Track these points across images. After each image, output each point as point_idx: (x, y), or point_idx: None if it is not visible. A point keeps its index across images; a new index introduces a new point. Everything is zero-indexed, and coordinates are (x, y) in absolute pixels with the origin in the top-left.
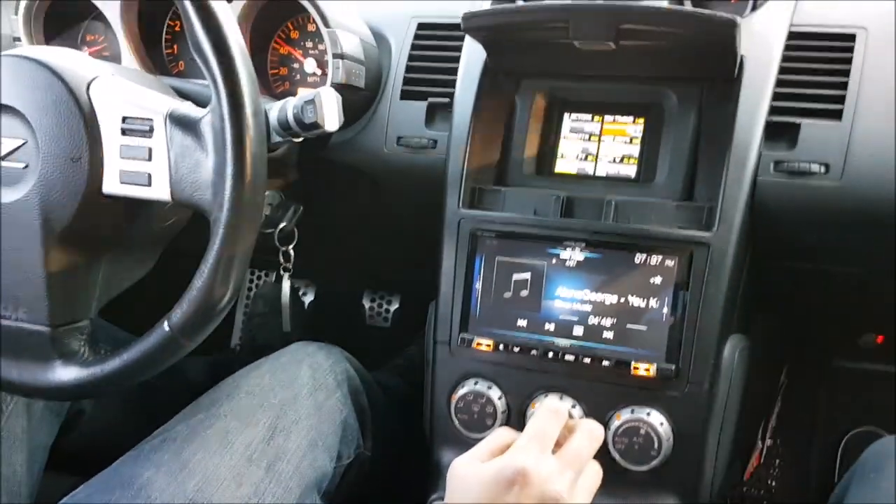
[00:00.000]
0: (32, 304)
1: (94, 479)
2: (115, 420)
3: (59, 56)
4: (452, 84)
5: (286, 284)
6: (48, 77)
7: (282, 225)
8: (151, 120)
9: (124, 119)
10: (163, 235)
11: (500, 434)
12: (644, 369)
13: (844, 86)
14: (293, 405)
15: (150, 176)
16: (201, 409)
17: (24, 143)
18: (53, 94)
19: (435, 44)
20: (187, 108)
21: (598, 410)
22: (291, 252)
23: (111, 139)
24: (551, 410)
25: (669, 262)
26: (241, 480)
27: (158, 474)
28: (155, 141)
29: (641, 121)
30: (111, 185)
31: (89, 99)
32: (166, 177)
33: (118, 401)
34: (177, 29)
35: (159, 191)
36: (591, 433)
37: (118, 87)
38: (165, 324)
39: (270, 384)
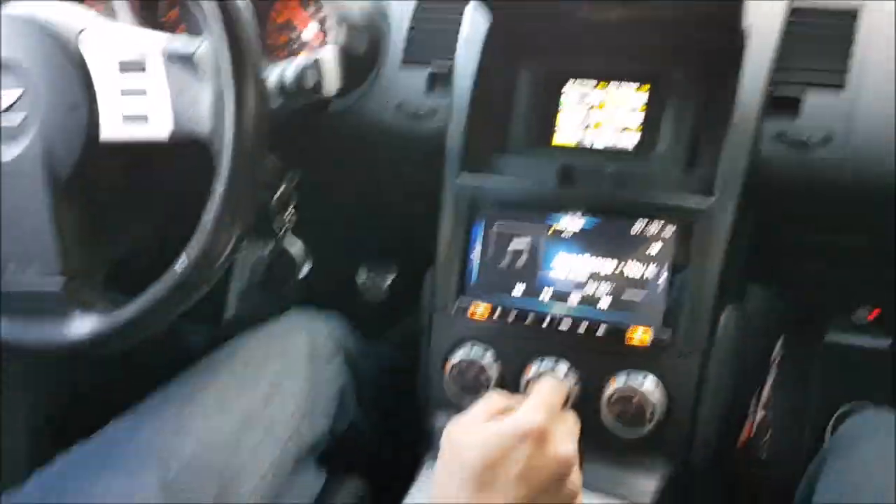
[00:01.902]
0: (44, 257)
1: (92, 438)
2: (115, 391)
3: (48, 9)
4: (454, 52)
5: (297, 245)
6: (38, 31)
7: (280, 190)
8: (146, 60)
9: (120, 63)
10: (170, 187)
11: (495, 398)
12: (640, 337)
13: (847, 58)
14: (290, 372)
15: (148, 116)
16: (198, 374)
17: (19, 99)
18: (45, 47)
19: (437, 12)
20: (181, 43)
21: (593, 376)
22: (286, 219)
23: (108, 83)
24: (555, 382)
25: (668, 231)
26: (238, 443)
27: (156, 435)
28: (151, 80)
29: (644, 91)
30: (111, 129)
31: (80, 48)
32: (167, 115)
33: (118, 371)
34: None
35: (160, 129)
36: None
37: (109, 31)
38: (177, 265)
39: (267, 352)
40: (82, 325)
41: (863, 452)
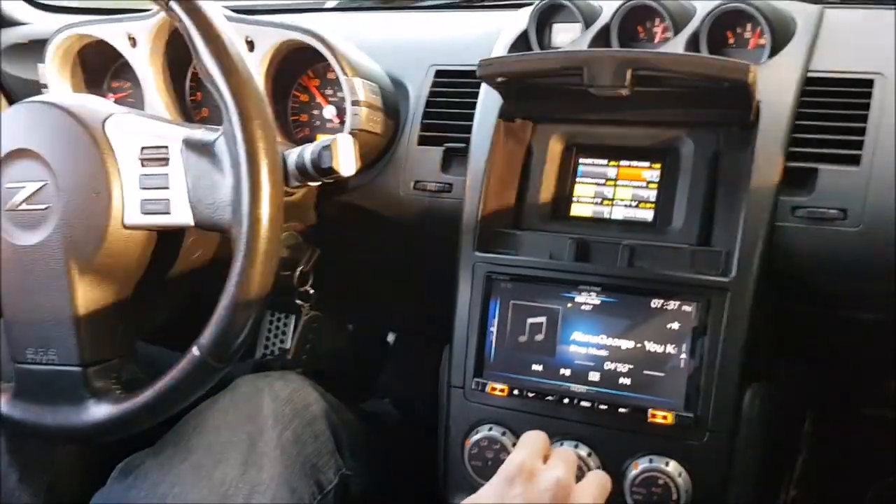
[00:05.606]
0: (62, 344)
1: None
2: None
3: (75, 99)
4: (469, 129)
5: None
6: (64, 117)
7: (300, 268)
8: (167, 148)
9: (141, 149)
10: (189, 270)
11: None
12: (662, 417)
13: (863, 131)
14: (261, 437)
15: (169, 202)
16: (169, 445)
17: (44, 185)
18: (70, 132)
19: (452, 90)
20: (201, 133)
21: (615, 459)
22: (311, 290)
23: (130, 170)
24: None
25: (687, 308)
26: None
27: None
28: (172, 168)
29: (658, 166)
30: (133, 216)
31: (105, 133)
32: (186, 202)
33: None
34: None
35: (180, 216)
36: (600, 480)
37: (133, 120)
38: (195, 348)
39: (236, 419)
40: (98, 412)
41: None
